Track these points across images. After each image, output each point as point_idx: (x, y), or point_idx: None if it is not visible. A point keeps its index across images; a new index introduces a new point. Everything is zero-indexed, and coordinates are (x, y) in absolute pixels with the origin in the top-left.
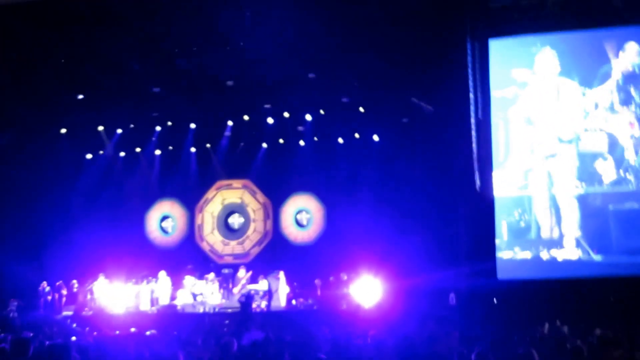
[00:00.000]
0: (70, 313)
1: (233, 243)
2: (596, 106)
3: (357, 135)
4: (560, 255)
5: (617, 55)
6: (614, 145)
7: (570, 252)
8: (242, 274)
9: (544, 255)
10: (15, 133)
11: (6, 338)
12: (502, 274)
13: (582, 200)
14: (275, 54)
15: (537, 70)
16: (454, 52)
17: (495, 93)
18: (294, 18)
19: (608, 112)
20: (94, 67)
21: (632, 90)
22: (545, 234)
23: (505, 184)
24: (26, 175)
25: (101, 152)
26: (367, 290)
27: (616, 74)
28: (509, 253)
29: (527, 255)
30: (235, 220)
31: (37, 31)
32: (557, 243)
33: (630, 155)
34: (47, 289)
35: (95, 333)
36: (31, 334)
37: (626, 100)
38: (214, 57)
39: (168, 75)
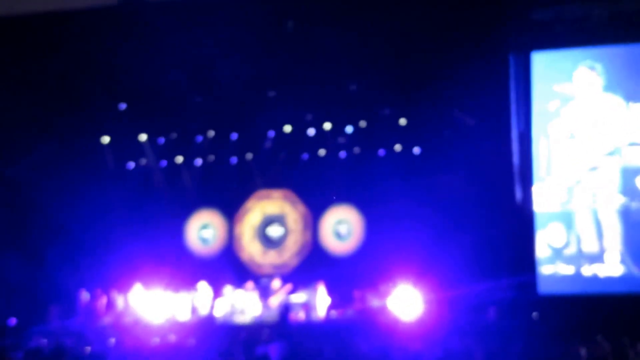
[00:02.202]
0: (108, 321)
1: (272, 253)
2: (636, 123)
3: (398, 148)
4: (602, 270)
5: None
6: None
7: (612, 267)
8: (277, 285)
9: (586, 270)
10: (57, 141)
11: (45, 344)
12: (543, 288)
13: (624, 215)
14: (317, 64)
15: (581, 84)
16: (496, 64)
17: (537, 106)
18: (336, 29)
19: None
20: (136, 76)
21: None
22: (586, 248)
23: (546, 198)
24: (67, 184)
25: (143, 161)
26: (406, 303)
27: None
28: (551, 268)
29: (569, 270)
30: (275, 231)
31: (80, 40)
32: (599, 258)
33: None
34: (87, 296)
35: (133, 342)
36: (69, 341)
37: None
38: (256, 67)
39: (210, 84)
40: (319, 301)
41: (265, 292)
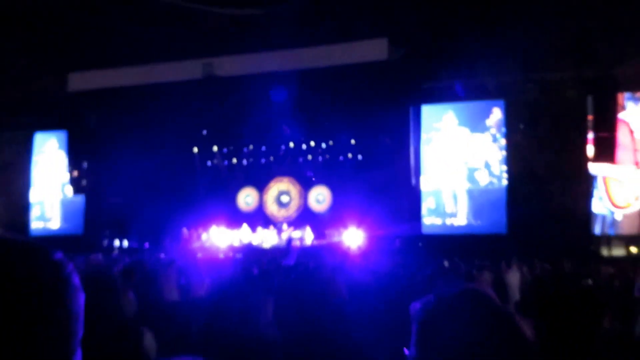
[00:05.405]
0: (196, 245)
1: (283, 211)
2: (477, 143)
3: (350, 156)
4: (456, 222)
5: (488, 116)
6: (488, 165)
7: (461, 220)
8: (286, 227)
9: (448, 221)
10: (173, 151)
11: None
12: (424, 230)
13: (469, 193)
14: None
15: (444, 122)
16: (403, 111)
17: (423, 134)
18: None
19: (484, 146)
20: (215, 121)
21: (497, 134)
22: (448, 210)
23: (427, 182)
24: (179, 176)
25: (215, 161)
26: (353, 238)
27: (490, 126)
28: (429, 219)
29: (438, 221)
30: (285, 199)
31: (181, 106)
32: (454, 215)
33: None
34: (185, 231)
35: (209, 257)
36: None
37: (494, 140)
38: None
39: (254, 131)
40: (307, 236)
41: (279, 231)
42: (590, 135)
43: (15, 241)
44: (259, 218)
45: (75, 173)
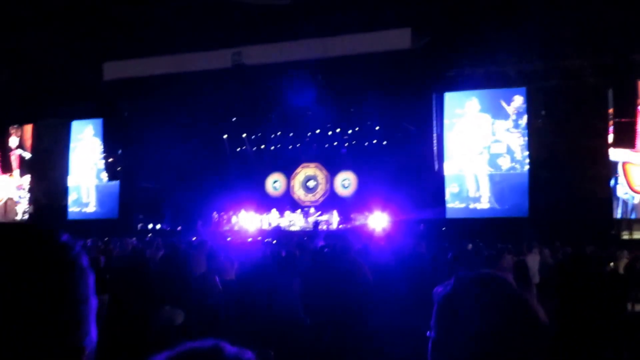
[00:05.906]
0: (227, 228)
1: (310, 195)
2: (499, 129)
3: (374, 141)
4: (478, 206)
5: (510, 103)
6: (510, 150)
7: (484, 204)
8: (312, 211)
9: (471, 205)
10: (206, 138)
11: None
12: (448, 214)
13: (491, 178)
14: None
15: (466, 109)
16: (426, 98)
17: (445, 121)
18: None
19: (506, 132)
20: (241, 104)
21: (519, 120)
22: (471, 194)
23: (450, 168)
24: (211, 160)
25: (244, 147)
26: (377, 221)
27: (511, 113)
28: (452, 204)
29: (461, 205)
30: (311, 183)
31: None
32: (477, 200)
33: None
34: (216, 215)
35: (239, 240)
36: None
37: (515, 126)
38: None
39: (283, 122)
40: (334, 220)
41: (306, 215)
42: (610, 121)
43: (19, 226)
44: (286, 202)
45: (111, 159)
